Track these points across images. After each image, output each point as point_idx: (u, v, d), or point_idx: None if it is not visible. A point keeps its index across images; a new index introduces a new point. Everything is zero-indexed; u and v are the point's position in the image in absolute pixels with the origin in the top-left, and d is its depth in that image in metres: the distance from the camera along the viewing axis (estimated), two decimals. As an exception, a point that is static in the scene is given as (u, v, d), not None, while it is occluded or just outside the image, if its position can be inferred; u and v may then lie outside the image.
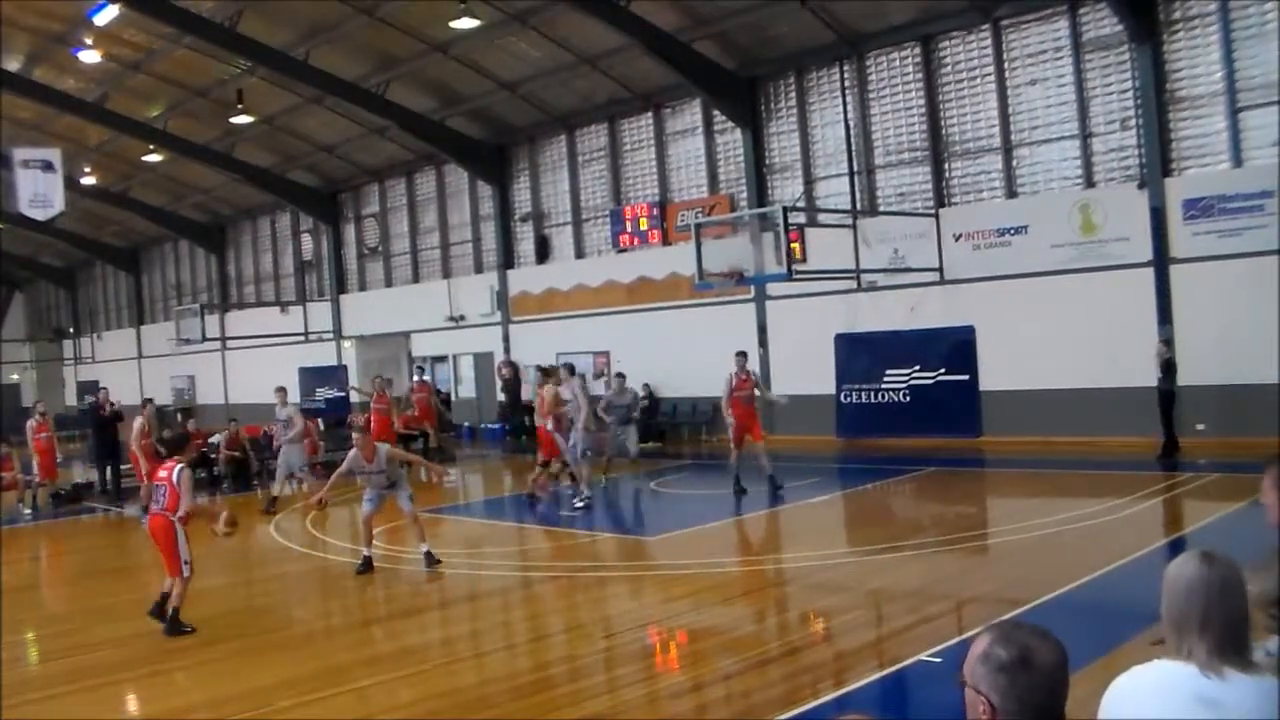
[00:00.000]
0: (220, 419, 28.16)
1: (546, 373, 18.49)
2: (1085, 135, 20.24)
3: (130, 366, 49.03)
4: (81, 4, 25.26)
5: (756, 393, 17.26)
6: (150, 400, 21.91)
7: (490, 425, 31.30)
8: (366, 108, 28.82)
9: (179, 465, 10.78)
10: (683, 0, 22.90)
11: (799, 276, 20.69)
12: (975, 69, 21.64)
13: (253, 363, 39.55)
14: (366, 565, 12.91)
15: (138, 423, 19.65)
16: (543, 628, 10.61)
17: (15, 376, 55.05)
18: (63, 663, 9.79)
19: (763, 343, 24.69)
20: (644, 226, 27.34)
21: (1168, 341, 18.47)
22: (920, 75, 22.35)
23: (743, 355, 17.61)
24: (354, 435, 13.81)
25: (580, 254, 29.48)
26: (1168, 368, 18.15)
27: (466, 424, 31.99)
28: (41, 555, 17.72)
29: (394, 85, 28.19)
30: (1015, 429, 20.60)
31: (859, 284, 22.51)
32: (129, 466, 23.65)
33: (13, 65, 29.69)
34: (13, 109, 30.55)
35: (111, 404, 23.61)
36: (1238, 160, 18.47)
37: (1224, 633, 2.69)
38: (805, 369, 23.35)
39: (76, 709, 8.34)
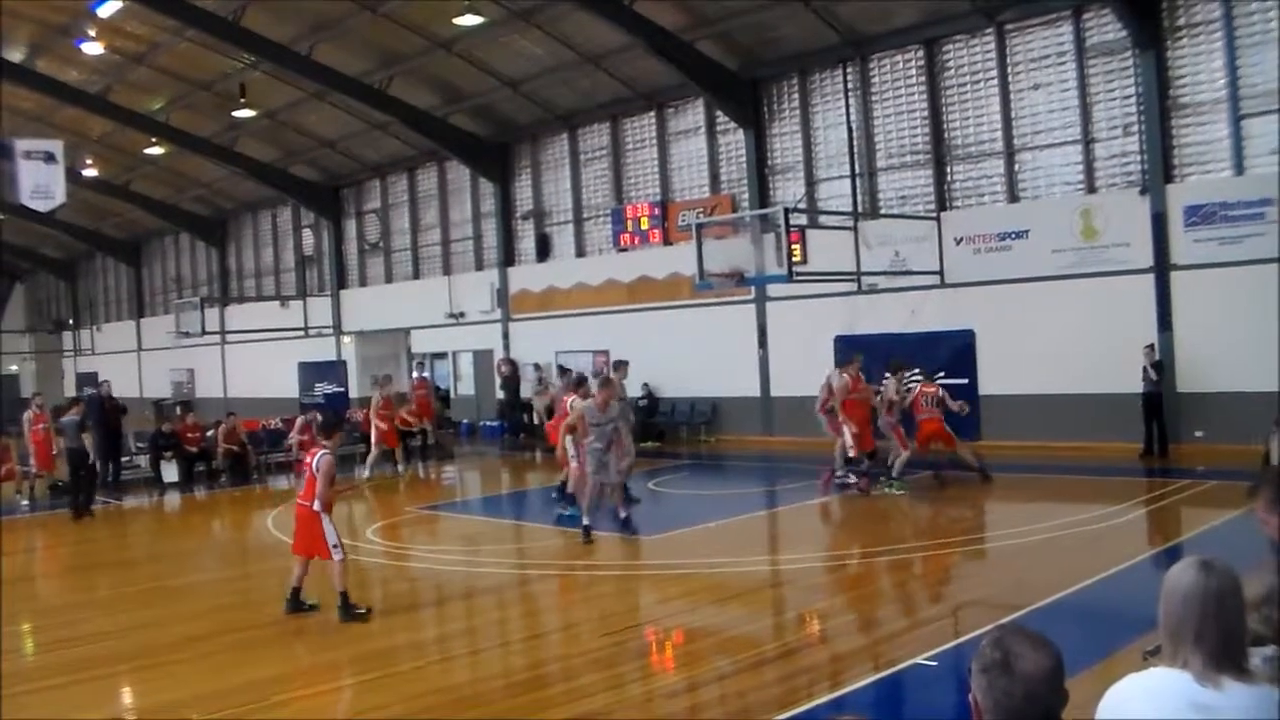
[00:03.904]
0: (219, 412, 28.14)
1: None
2: (1087, 140, 20.24)
3: (130, 359, 49.05)
4: (85, -4, 25.28)
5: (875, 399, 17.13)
6: (389, 375, 25.63)
7: (489, 423, 31.30)
8: (369, 103, 28.82)
9: (322, 451, 10.54)
10: (686, 0, 22.90)
11: (799, 278, 20.64)
12: (978, 73, 21.63)
13: (252, 357, 39.60)
14: (588, 534, 13.60)
15: (375, 396, 22.86)
16: (538, 625, 10.61)
17: (14, 368, 55.10)
18: (59, 654, 9.79)
19: (762, 344, 24.70)
20: (645, 226, 27.32)
21: (1151, 347, 18.79)
22: (923, 78, 22.34)
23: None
24: (593, 384, 14.51)
25: (581, 252, 29.47)
26: (1159, 369, 18.55)
27: (465, 421, 32.00)
28: (38, 547, 17.71)
29: (397, 81, 28.17)
30: (1014, 433, 20.58)
31: (859, 286, 22.48)
32: (129, 459, 23.76)
33: (15, 56, 29.67)
34: (15, 100, 30.52)
35: (113, 398, 23.64)
36: (1240, 168, 18.47)
37: (1220, 643, 2.69)
38: (805, 370, 23.26)
39: (73, 701, 8.34)
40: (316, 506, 10.33)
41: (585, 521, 13.65)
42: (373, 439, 22.16)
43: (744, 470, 18.94)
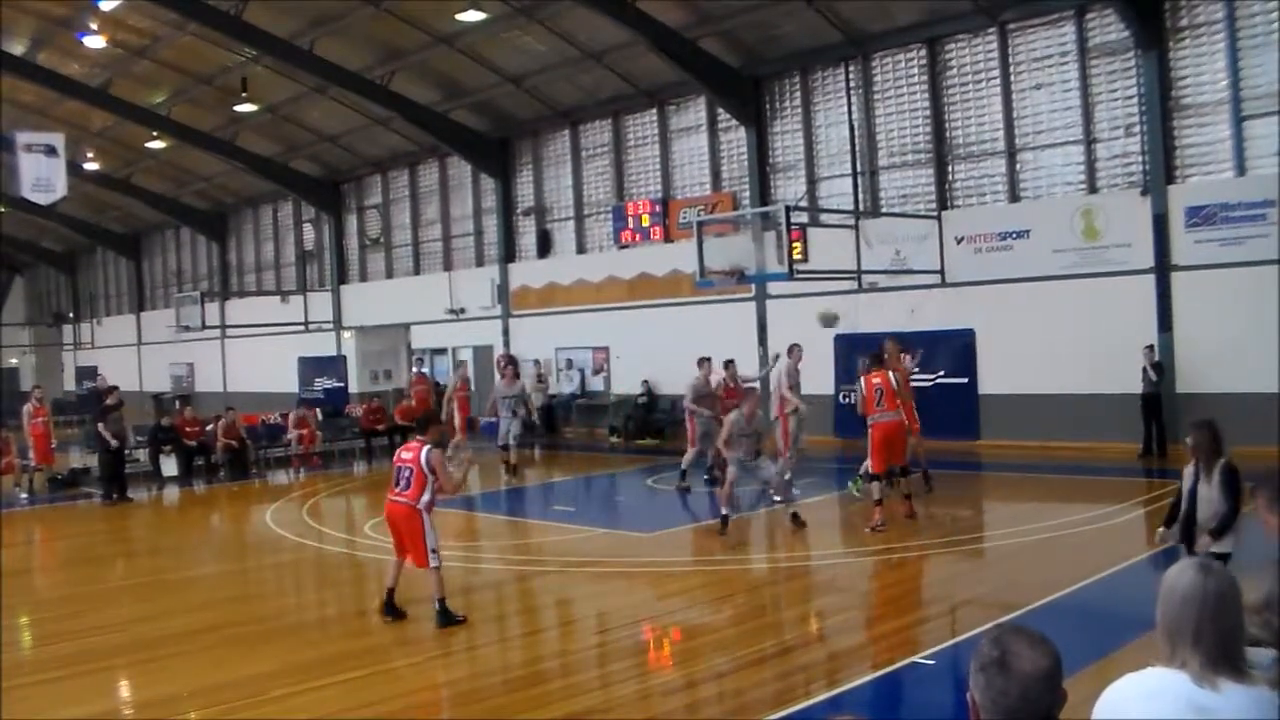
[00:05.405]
0: (218, 407, 28.14)
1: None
2: (1089, 141, 20.23)
3: (129, 353, 49.01)
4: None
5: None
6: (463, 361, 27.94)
7: (489, 419, 31.24)
8: (370, 98, 28.80)
9: (426, 445, 9.94)
10: (689, -3, 22.90)
11: (800, 276, 20.66)
12: (980, 72, 21.62)
13: (252, 351, 39.60)
14: (725, 524, 13.71)
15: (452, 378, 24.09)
16: (536, 622, 10.63)
17: (14, 361, 55.01)
18: (58, 648, 9.79)
19: (762, 341, 24.69)
20: (646, 223, 27.30)
21: (1151, 348, 18.83)
22: (925, 77, 22.33)
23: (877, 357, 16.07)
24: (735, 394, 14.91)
25: (582, 249, 29.46)
26: (1159, 370, 18.63)
27: (464, 417, 31.95)
28: (37, 540, 17.72)
29: (398, 76, 28.15)
30: (1013, 433, 20.59)
31: (860, 285, 22.49)
32: (128, 452, 23.74)
33: (17, 49, 29.66)
34: (16, 93, 30.53)
35: (111, 388, 23.60)
36: (1241, 169, 18.46)
37: (1217, 645, 2.69)
38: (805, 368, 23.23)
39: (71, 694, 8.35)
40: (420, 505, 9.82)
41: (724, 511, 13.81)
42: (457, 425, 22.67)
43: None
